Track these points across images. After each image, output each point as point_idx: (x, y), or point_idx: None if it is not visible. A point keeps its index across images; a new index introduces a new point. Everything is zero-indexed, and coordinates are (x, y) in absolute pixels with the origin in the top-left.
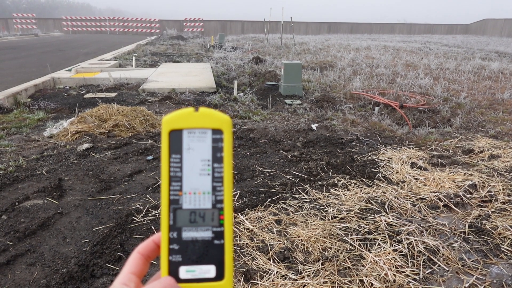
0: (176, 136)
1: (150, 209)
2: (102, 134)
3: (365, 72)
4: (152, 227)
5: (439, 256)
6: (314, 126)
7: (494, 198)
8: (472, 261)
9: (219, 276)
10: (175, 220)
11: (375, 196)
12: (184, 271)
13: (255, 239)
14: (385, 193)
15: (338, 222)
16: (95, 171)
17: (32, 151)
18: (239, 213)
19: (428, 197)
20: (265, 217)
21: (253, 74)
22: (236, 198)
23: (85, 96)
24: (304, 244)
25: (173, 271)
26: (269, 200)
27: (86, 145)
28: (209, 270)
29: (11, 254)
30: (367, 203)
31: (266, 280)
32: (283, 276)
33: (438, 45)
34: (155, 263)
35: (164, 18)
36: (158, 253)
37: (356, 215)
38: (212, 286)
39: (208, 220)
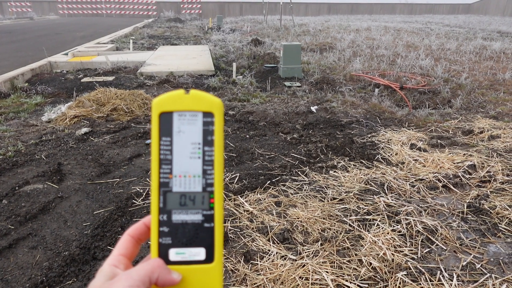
0: (166, 118)
1: (150, 192)
2: (100, 118)
3: (365, 54)
4: None
5: (437, 235)
6: (313, 108)
7: (493, 178)
8: (470, 240)
9: (209, 258)
10: (165, 203)
11: (374, 178)
12: (174, 254)
13: (254, 220)
14: (384, 174)
15: (337, 203)
16: (94, 155)
17: (31, 135)
18: (238, 195)
19: (427, 178)
20: (264, 199)
21: (252, 56)
22: (235, 180)
23: (82, 80)
24: (303, 225)
25: (163, 253)
26: (268, 182)
27: (84, 130)
28: (199, 253)
29: (13, 238)
30: (366, 184)
31: (266, 261)
32: (283, 256)
33: (440, 25)
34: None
35: (161, 0)
36: (149, 235)
37: (355, 196)
38: (202, 268)
39: (198, 203)
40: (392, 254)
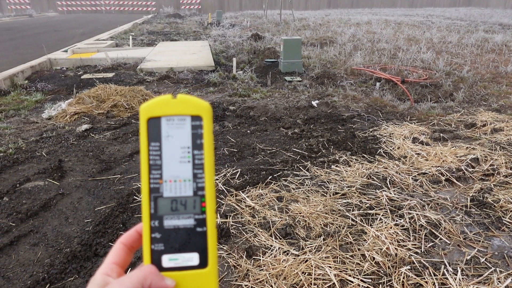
0: (154, 123)
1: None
2: (100, 114)
3: (366, 47)
4: None
5: (441, 229)
6: (314, 103)
7: (496, 171)
8: (474, 234)
9: (203, 263)
10: (156, 209)
11: (377, 172)
12: (167, 260)
13: (256, 216)
14: (386, 168)
15: (339, 198)
16: (95, 151)
17: (31, 133)
18: (240, 191)
19: (430, 172)
20: (266, 194)
21: (252, 51)
22: (237, 176)
23: (82, 77)
24: (305, 220)
25: (155, 260)
26: (270, 177)
27: (85, 126)
28: (192, 258)
29: (14, 235)
30: (368, 178)
31: (269, 256)
32: (285, 252)
33: (441, 18)
34: None
35: None
36: (142, 243)
37: (357, 191)
38: (195, 274)
39: (189, 207)
40: (396, 248)
